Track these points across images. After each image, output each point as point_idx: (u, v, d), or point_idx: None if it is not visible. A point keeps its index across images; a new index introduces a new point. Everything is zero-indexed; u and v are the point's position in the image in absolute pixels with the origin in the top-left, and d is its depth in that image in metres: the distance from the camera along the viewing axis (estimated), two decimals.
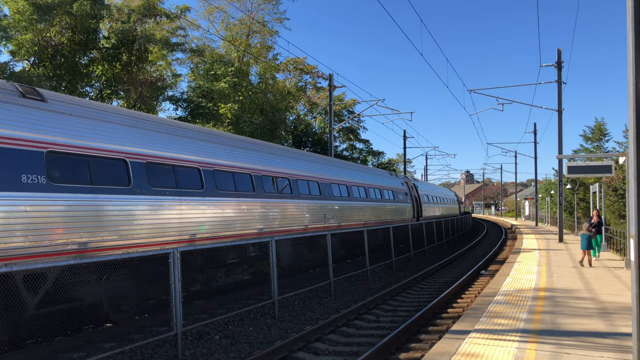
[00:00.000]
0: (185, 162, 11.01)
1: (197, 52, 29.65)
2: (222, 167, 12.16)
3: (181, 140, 11.31)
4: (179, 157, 10.84)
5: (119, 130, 9.65)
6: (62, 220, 8.07)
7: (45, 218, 7.79)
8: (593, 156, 31.71)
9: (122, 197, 9.17)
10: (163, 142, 10.66)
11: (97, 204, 8.66)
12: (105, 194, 8.85)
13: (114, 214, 8.98)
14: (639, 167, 5.02)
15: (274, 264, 10.88)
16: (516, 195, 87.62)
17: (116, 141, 9.41)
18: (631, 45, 4.99)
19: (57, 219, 7.98)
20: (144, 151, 9.97)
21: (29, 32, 21.41)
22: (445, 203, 40.17)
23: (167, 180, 10.37)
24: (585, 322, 8.45)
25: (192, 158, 11.27)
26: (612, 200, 33.36)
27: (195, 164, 11.26)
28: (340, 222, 17.76)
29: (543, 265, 16.17)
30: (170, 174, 10.50)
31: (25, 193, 7.55)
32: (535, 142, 49.62)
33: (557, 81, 26.38)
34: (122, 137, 9.61)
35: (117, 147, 9.38)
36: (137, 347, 7.93)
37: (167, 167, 10.48)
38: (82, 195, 8.44)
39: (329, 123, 29.55)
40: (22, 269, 6.40)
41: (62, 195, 8.09)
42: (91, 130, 8.99)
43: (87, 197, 8.52)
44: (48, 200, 7.88)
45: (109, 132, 9.38)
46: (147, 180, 9.78)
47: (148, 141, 10.21)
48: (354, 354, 8.18)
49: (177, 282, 8.13)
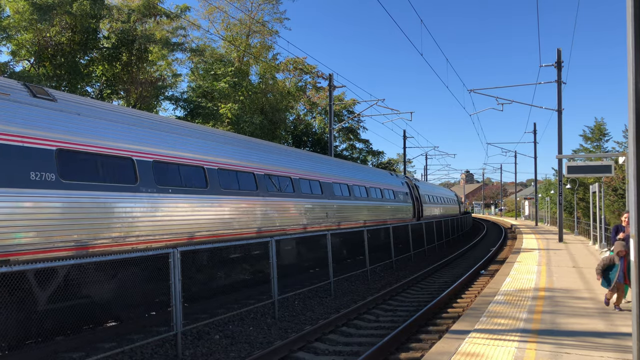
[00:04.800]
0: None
1: (197, 52, 29.64)
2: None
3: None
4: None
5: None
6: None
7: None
8: (593, 156, 31.71)
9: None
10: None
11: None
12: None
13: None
14: (639, 167, 5.02)
15: (274, 264, 10.89)
16: (516, 195, 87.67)
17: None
18: (631, 45, 5.00)
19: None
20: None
21: (29, 32, 21.41)
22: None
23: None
24: (585, 322, 8.44)
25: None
26: (612, 200, 33.35)
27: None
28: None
29: (543, 265, 16.17)
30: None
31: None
32: (535, 142, 49.65)
33: (557, 81, 26.38)
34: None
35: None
36: (137, 347, 7.93)
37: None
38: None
39: (329, 123, 29.55)
40: (22, 268, 6.41)
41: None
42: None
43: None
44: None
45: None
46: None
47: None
48: (354, 353, 8.18)
49: (177, 282, 8.14)
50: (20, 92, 8.17)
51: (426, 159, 66.58)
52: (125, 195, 9.19)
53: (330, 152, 28.20)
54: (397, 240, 19.99)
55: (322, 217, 16.47)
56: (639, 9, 4.95)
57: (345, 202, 18.52)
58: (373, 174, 23.57)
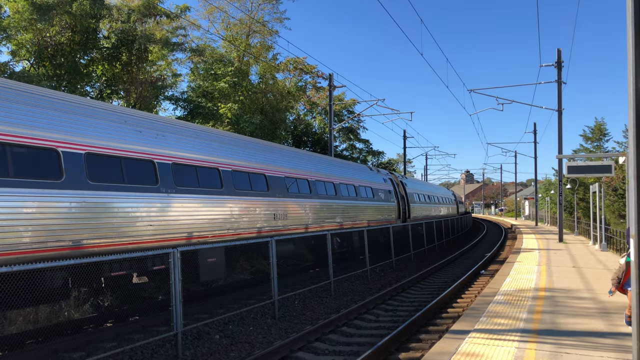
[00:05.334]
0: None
1: (197, 51, 29.63)
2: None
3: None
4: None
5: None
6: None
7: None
8: (593, 156, 31.71)
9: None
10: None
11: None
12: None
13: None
14: (639, 167, 5.01)
15: (274, 264, 10.89)
16: (516, 195, 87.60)
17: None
18: (631, 45, 4.99)
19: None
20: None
21: (28, 32, 21.40)
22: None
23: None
24: (585, 321, 8.44)
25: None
26: (612, 200, 33.37)
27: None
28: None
29: (543, 265, 16.17)
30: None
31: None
32: (535, 142, 49.61)
33: (557, 81, 26.37)
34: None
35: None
36: (138, 347, 7.93)
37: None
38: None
39: (329, 123, 29.55)
40: (21, 269, 6.41)
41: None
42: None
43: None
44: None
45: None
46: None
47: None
48: (354, 353, 8.19)
49: (177, 282, 8.14)
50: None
51: (426, 159, 66.56)
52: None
53: (330, 152, 28.22)
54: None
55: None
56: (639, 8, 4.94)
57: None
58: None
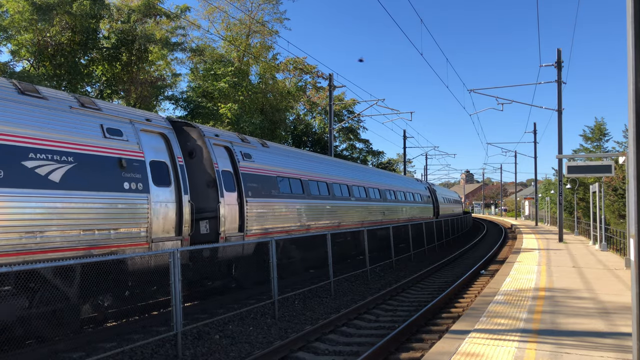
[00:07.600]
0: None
1: (197, 51, 29.64)
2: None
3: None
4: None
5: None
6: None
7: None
8: (593, 156, 31.70)
9: None
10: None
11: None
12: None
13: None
14: (639, 167, 5.01)
15: (274, 264, 10.89)
16: (516, 195, 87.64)
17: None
18: (631, 45, 4.99)
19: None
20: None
21: (29, 32, 21.41)
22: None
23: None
24: (585, 321, 8.44)
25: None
26: (612, 200, 33.34)
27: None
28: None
29: (543, 265, 16.17)
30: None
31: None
32: (535, 142, 49.65)
33: (557, 81, 26.38)
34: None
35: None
36: (137, 347, 7.92)
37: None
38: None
39: (329, 123, 29.55)
40: (21, 269, 6.40)
41: None
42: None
43: None
44: None
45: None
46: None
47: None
48: (354, 353, 8.18)
49: (177, 282, 8.13)
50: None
51: (426, 159, 66.61)
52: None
53: (330, 152, 28.20)
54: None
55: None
56: (638, 8, 4.94)
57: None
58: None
